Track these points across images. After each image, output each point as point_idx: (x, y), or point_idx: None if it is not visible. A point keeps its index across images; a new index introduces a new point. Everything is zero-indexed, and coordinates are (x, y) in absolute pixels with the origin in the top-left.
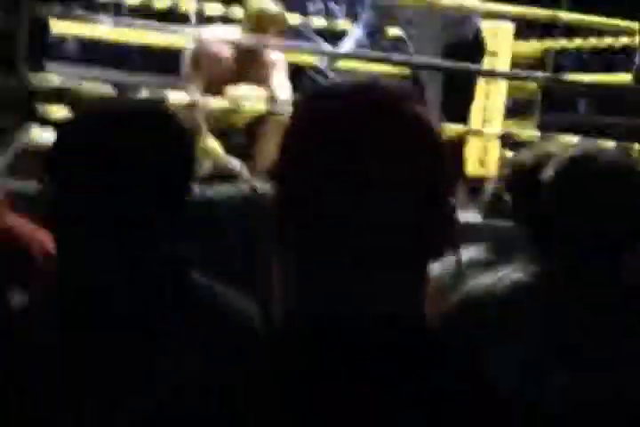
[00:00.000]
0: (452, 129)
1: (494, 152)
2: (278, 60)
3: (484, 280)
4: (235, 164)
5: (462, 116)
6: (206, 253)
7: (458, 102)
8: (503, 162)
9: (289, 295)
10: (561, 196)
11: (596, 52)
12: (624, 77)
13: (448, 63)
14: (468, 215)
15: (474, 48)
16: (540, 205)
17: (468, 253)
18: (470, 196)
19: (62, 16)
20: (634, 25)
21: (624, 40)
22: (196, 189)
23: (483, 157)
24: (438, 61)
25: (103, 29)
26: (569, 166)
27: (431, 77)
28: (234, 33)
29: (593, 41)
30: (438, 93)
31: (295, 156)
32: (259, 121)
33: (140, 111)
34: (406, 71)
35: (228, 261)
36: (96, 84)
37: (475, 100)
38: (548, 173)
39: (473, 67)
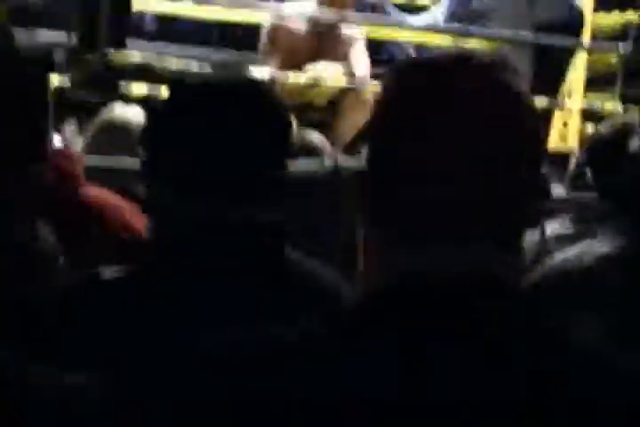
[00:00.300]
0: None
1: (575, 126)
2: (356, 34)
3: (570, 253)
4: (317, 138)
5: (553, 94)
6: (293, 227)
7: (548, 79)
8: (585, 136)
9: (375, 269)
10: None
11: None
12: None
13: (531, 36)
14: (553, 189)
15: (568, 26)
16: (623, 178)
17: (554, 225)
18: (553, 170)
19: None
20: None
21: None
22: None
23: (564, 130)
24: (525, 35)
25: (182, 5)
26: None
27: (518, 55)
28: (310, 8)
29: None
30: (526, 70)
31: (386, 128)
32: (338, 97)
33: (236, 85)
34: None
35: (314, 236)
36: (177, 60)
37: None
38: (634, 145)
39: (553, 40)
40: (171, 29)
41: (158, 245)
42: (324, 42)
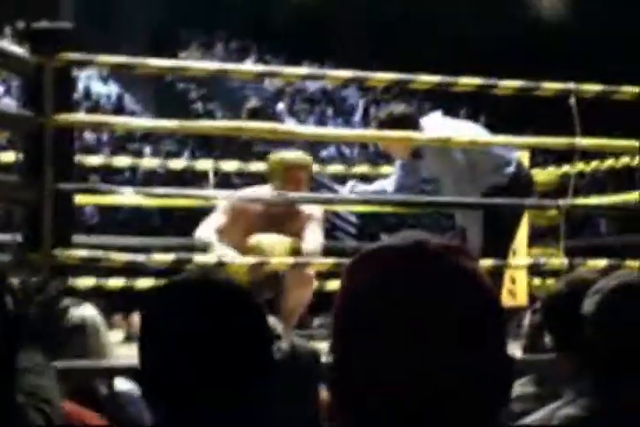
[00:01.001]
0: (484, 264)
1: (523, 282)
2: (315, 212)
3: (537, 416)
4: (273, 322)
5: (504, 256)
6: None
7: (498, 243)
8: (533, 291)
9: None
10: (606, 329)
11: (613, 171)
12: None
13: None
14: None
15: (512, 191)
16: (582, 339)
17: (515, 387)
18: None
19: (84, 191)
20: None
21: None
22: None
23: (512, 287)
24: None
25: (123, 198)
26: (612, 298)
27: (469, 220)
28: (265, 191)
29: (610, 162)
30: (478, 235)
31: (350, 323)
32: (284, 273)
33: (218, 291)
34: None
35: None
36: (122, 253)
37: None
38: (590, 305)
39: (495, 201)
40: (112, 219)
41: None
42: (280, 221)
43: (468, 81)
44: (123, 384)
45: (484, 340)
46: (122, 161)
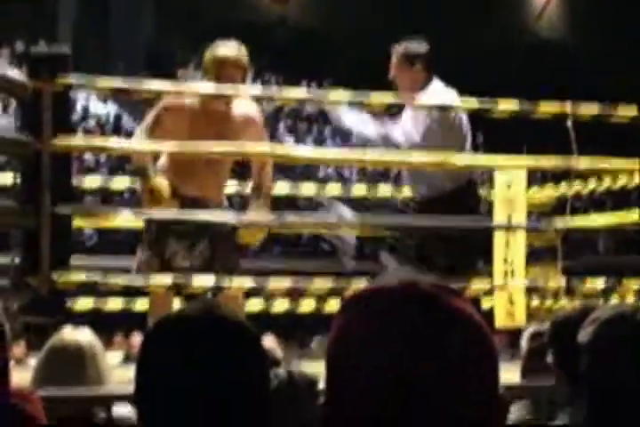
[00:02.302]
0: (477, 286)
1: (521, 302)
2: (252, 112)
3: None
4: (270, 346)
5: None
6: None
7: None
8: (531, 312)
9: None
10: (599, 359)
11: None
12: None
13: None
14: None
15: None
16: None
17: (511, 412)
18: (503, 349)
19: (83, 214)
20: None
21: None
22: None
23: (510, 308)
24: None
25: (121, 219)
26: (606, 329)
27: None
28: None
29: (607, 181)
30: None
31: (344, 362)
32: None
33: (218, 324)
34: None
35: None
36: (121, 277)
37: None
38: (585, 335)
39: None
40: (111, 240)
41: None
42: (219, 118)
43: (466, 105)
44: (121, 409)
45: (477, 381)
46: (120, 182)
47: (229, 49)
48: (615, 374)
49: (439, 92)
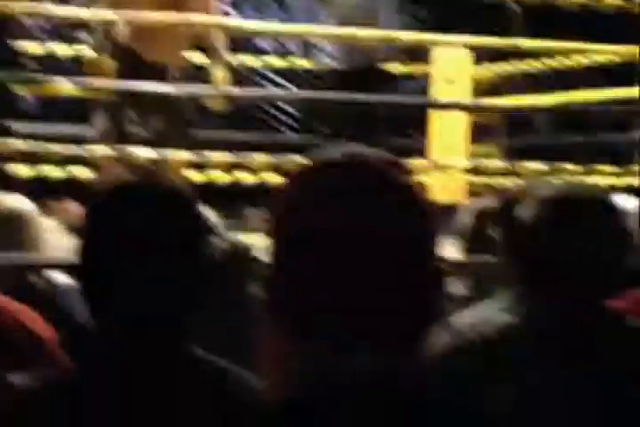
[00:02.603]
0: (415, 164)
1: (460, 179)
2: None
3: (466, 318)
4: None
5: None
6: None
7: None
8: (469, 189)
9: (283, 368)
10: (544, 239)
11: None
12: (582, 95)
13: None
14: (445, 248)
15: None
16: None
17: (452, 287)
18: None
19: (22, 81)
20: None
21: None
22: None
23: (448, 184)
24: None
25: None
26: (548, 209)
27: None
28: None
29: (552, 63)
30: None
31: (292, 233)
32: None
33: (159, 192)
34: None
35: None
36: (61, 144)
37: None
38: (526, 213)
39: (429, 100)
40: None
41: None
42: None
43: None
44: (60, 277)
45: (420, 254)
46: (63, 49)
47: None
48: (552, 252)
49: None
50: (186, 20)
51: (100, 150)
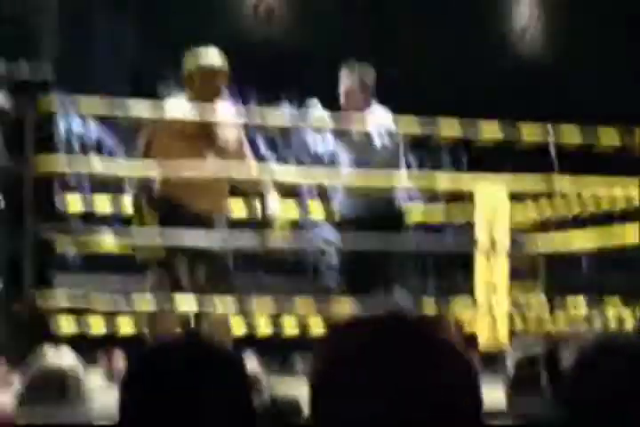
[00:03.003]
0: (462, 310)
1: (504, 321)
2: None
3: None
4: (252, 368)
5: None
6: None
7: None
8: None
9: None
10: (581, 386)
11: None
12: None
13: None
14: (490, 395)
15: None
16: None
17: None
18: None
19: (65, 232)
20: None
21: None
22: None
23: (493, 327)
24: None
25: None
26: (588, 357)
27: None
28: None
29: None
30: None
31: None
32: None
33: (203, 352)
34: None
35: None
36: (104, 296)
37: None
38: (569, 362)
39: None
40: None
41: None
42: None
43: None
44: None
45: (460, 409)
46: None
47: (212, 57)
48: (592, 400)
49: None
50: (224, 173)
51: (145, 304)
